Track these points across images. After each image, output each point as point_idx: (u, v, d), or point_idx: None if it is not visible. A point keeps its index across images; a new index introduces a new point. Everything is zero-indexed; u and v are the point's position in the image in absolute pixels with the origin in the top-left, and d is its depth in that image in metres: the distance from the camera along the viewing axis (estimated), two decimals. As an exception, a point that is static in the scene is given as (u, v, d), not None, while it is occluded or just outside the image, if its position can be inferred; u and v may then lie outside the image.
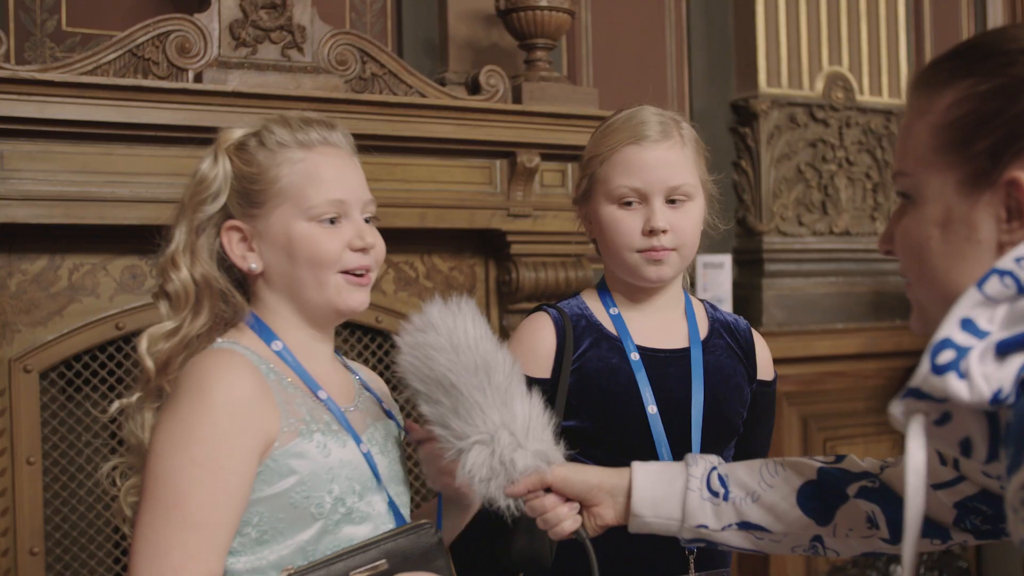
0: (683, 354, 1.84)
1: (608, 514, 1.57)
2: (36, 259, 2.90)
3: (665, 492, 1.55)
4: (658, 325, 1.86)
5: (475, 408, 1.48)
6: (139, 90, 2.81)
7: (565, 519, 1.54)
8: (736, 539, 1.56)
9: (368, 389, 1.66)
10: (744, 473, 1.57)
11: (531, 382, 1.71)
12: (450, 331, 1.50)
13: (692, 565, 1.76)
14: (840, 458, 1.58)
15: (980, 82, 1.09)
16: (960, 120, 1.09)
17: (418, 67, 3.46)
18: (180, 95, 2.86)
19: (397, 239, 3.30)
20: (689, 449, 1.78)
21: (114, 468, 1.56)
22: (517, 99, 3.44)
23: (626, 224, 1.82)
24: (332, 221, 1.52)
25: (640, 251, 1.81)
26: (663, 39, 4.34)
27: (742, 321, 1.97)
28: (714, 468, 1.58)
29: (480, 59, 3.65)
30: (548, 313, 1.87)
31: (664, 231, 1.79)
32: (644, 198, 1.81)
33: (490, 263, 3.55)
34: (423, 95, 3.31)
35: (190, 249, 1.52)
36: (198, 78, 2.99)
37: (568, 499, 1.55)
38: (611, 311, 1.86)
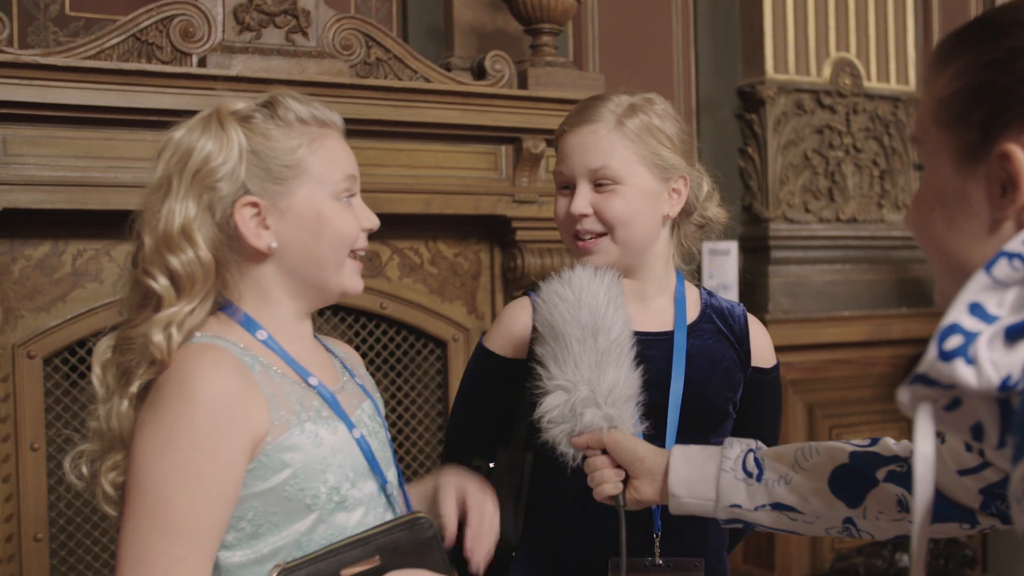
0: (666, 337, 1.84)
1: (647, 491, 1.63)
2: (39, 245, 2.90)
3: (700, 473, 1.60)
4: (642, 309, 1.85)
5: (570, 358, 1.59)
6: (142, 75, 2.80)
7: (608, 482, 1.63)
8: (769, 519, 1.58)
9: (346, 367, 1.62)
10: (780, 456, 1.60)
11: (505, 363, 1.82)
12: (582, 289, 1.62)
13: (657, 549, 1.77)
14: (874, 441, 1.59)
15: (978, 55, 1.07)
16: (957, 93, 1.08)
17: (423, 52, 3.45)
18: (184, 80, 2.85)
19: (402, 225, 3.30)
20: (664, 431, 1.78)
21: (79, 456, 1.48)
22: (523, 84, 3.42)
23: (558, 208, 1.86)
24: (347, 200, 1.51)
25: (574, 238, 1.84)
26: (669, 24, 4.32)
27: (738, 307, 1.96)
28: (751, 451, 1.62)
29: (485, 44, 3.63)
30: (529, 297, 1.88)
31: (584, 215, 1.80)
32: (572, 183, 1.83)
33: (495, 249, 3.54)
34: (428, 80, 3.30)
35: (204, 226, 1.42)
36: (202, 63, 2.98)
37: (618, 465, 1.63)
38: None
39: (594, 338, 1.59)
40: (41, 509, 2.89)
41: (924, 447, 1.00)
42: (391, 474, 1.55)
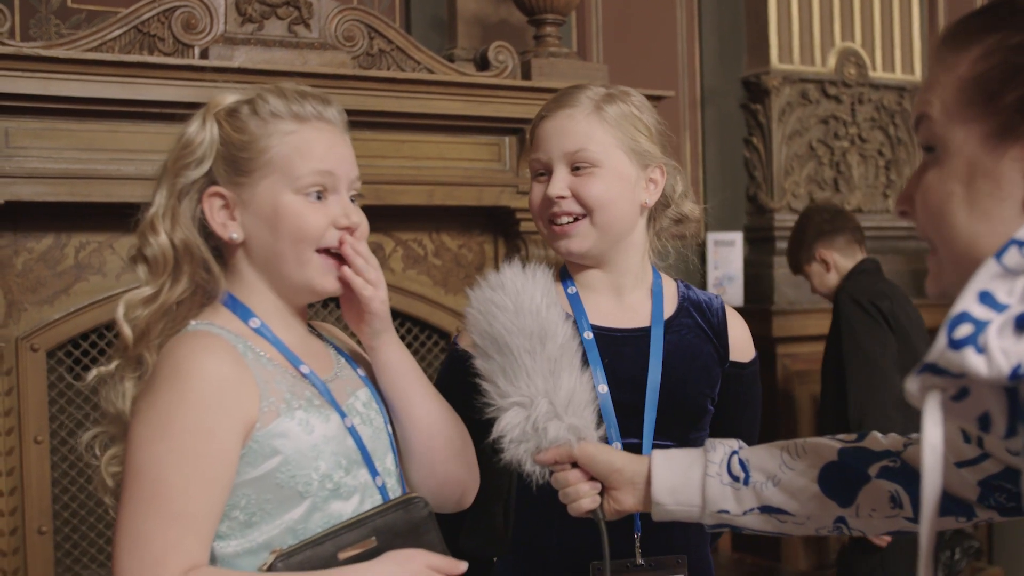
0: (642, 333, 1.81)
1: (628, 500, 1.57)
2: (42, 237, 2.89)
3: (684, 479, 1.55)
4: (618, 304, 1.83)
5: (522, 371, 1.52)
6: (144, 67, 2.79)
7: (584, 496, 1.57)
8: (758, 523, 1.55)
9: (343, 354, 1.63)
10: (765, 457, 1.55)
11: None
12: (517, 294, 1.56)
13: (638, 550, 1.74)
14: (862, 436, 1.55)
15: (1010, 36, 1.06)
16: (988, 73, 1.06)
17: (426, 43, 3.44)
18: (186, 72, 2.83)
19: (405, 216, 3.29)
20: (640, 429, 1.76)
21: (95, 437, 1.52)
22: (526, 75, 3.41)
23: (534, 195, 1.82)
24: (319, 196, 1.48)
25: (549, 224, 1.80)
26: (674, 15, 4.31)
27: (717, 300, 1.92)
28: (735, 452, 1.57)
29: (489, 35, 3.62)
30: None
31: (561, 197, 1.76)
32: (548, 169, 1.80)
33: (499, 240, 3.53)
34: (431, 71, 3.29)
35: (171, 213, 1.48)
36: (204, 54, 2.97)
37: (592, 478, 1.57)
38: (569, 291, 1.83)
39: (542, 345, 1.53)
40: (45, 502, 2.89)
41: (933, 436, 0.99)
42: (388, 460, 1.55)
